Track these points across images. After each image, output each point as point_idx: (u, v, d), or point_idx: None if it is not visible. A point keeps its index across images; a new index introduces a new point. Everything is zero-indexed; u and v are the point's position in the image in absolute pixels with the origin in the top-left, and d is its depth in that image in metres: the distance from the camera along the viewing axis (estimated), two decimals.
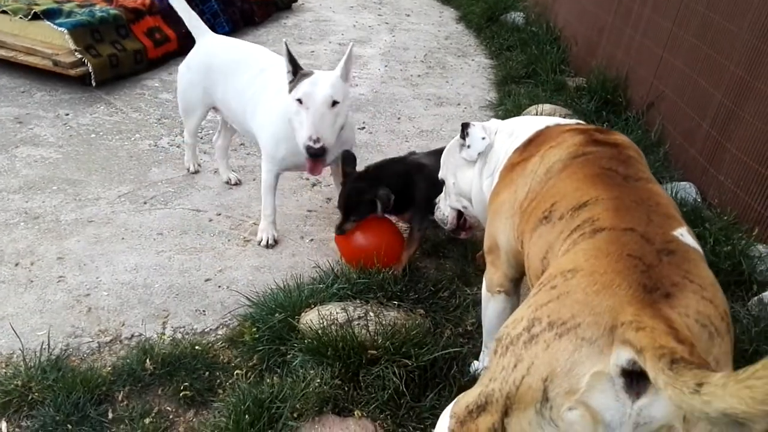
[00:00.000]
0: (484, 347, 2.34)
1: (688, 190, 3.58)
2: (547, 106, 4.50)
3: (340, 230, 2.91)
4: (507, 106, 4.78)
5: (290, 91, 2.69)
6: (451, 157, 2.43)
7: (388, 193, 2.85)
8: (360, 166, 3.05)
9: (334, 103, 2.63)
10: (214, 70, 3.26)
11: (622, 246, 1.33)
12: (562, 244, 1.52)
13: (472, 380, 2.28)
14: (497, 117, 4.72)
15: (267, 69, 3.09)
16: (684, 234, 1.44)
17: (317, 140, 2.57)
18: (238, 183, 3.71)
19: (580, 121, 2.20)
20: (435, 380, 2.29)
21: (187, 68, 3.41)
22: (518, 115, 4.53)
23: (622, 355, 1.10)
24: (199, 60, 3.37)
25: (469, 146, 2.25)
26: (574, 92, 4.95)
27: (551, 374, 1.17)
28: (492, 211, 2.07)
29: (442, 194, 2.62)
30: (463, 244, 3.17)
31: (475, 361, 2.38)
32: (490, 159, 2.21)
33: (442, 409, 2.17)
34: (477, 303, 2.76)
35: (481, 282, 2.96)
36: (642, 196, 1.56)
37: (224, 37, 3.56)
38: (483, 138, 2.22)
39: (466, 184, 2.36)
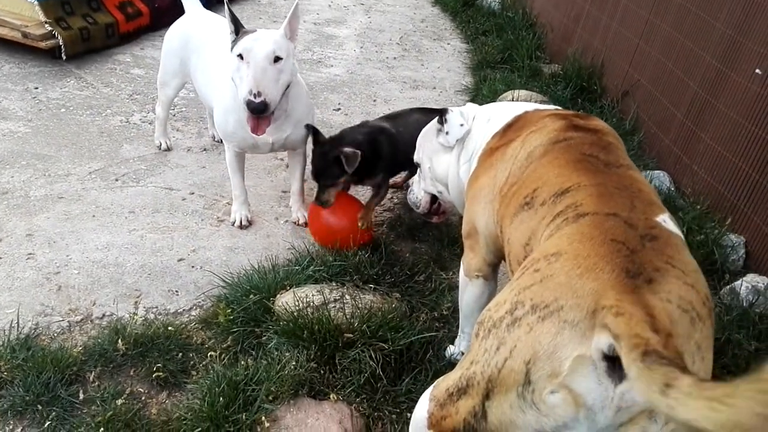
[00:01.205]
0: (461, 332, 2.35)
1: (661, 178, 3.62)
2: (523, 92, 4.51)
3: (319, 201, 2.88)
4: (483, 92, 4.76)
5: (232, 49, 2.61)
6: (428, 141, 2.41)
7: (355, 151, 2.81)
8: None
9: (277, 59, 2.53)
10: (191, 43, 3.21)
11: (605, 231, 1.34)
12: (544, 230, 1.53)
13: (448, 365, 2.30)
14: (473, 102, 4.73)
15: None
16: (666, 220, 1.45)
17: (258, 94, 2.46)
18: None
19: (558, 107, 2.21)
20: (411, 364, 2.29)
21: (168, 37, 3.38)
22: (494, 101, 4.55)
23: (602, 340, 1.11)
24: (179, 31, 3.33)
25: (447, 132, 2.24)
26: (549, 79, 4.96)
27: (534, 357, 1.17)
28: (471, 196, 2.07)
29: (416, 177, 2.60)
30: (438, 228, 3.17)
31: (451, 346, 2.39)
32: (468, 145, 2.20)
33: (419, 394, 2.18)
34: (453, 287, 2.78)
35: (456, 266, 2.99)
36: (624, 183, 1.57)
37: (209, 12, 3.47)
38: (461, 125, 2.21)
39: (442, 169, 2.35)
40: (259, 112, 2.49)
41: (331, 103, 4.62)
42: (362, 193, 3.32)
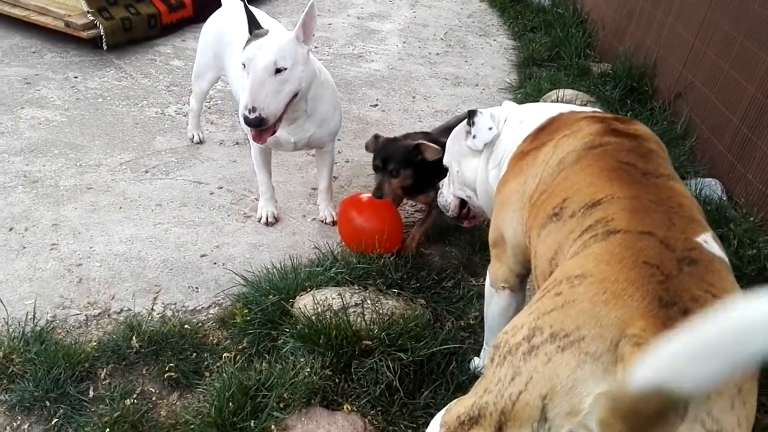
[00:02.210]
0: (486, 344, 2.24)
1: (713, 187, 3.42)
2: (568, 92, 4.32)
3: (378, 192, 2.72)
4: (527, 90, 4.59)
5: (242, 53, 2.51)
6: (456, 144, 2.29)
7: (435, 146, 2.64)
8: None
9: (279, 70, 2.38)
10: (225, 36, 3.15)
11: (638, 251, 1.21)
12: (571, 245, 1.40)
13: (472, 378, 2.19)
14: (516, 100, 4.56)
15: None
16: (708, 240, 1.30)
17: (253, 110, 2.35)
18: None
19: (597, 109, 2.05)
20: (431, 376, 2.19)
21: (204, 30, 3.34)
22: (538, 99, 4.38)
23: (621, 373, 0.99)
24: (215, 24, 3.28)
25: (474, 136, 2.11)
26: (598, 78, 4.76)
27: (551, 392, 1.07)
28: (499, 202, 1.95)
29: (446, 180, 2.49)
30: (470, 232, 3.04)
31: (476, 358, 2.28)
32: (497, 148, 2.08)
33: (438, 408, 2.09)
34: (481, 295, 2.63)
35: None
36: (662, 196, 1.42)
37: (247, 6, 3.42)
38: (490, 128, 2.08)
39: (470, 173, 2.23)
40: (255, 127, 2.40)
41: (369, 99, 4.52)
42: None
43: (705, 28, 4.04)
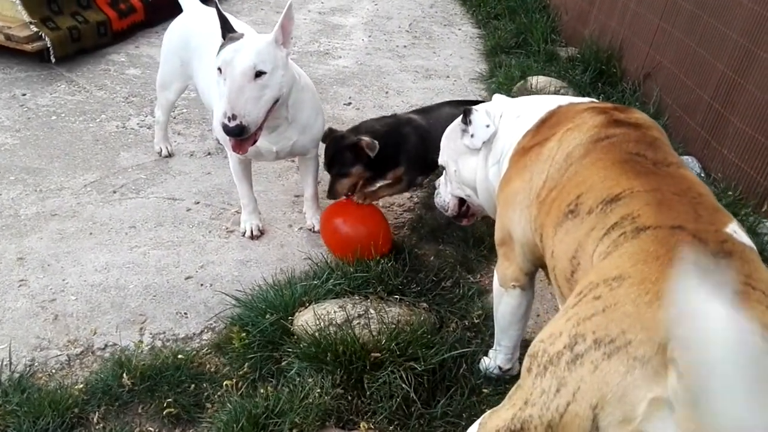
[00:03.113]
0: (497, 345, 2.17)
1: (690, 164, 3.45)
2: (542, 78, 4.29)
3: (330, 193, 2.72)
4: (499, 78, 4.55)
5: (216, 57, 2.35)
6: (452, 143, 2.23)
7: (372, 140, 2.60)
8: None
9: (259, 74, 2.25)
10: (192, 42, 2.97)
11: (672, 248, 1.19)
12: (597, 244, 1.37)
13: (484, 380, 2.15)
14: (489, 90, 4.51)
15: None
16: (737, 230, 1.29)
17: (233, 117, 2.20)
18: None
19: (594, 99, 2.00)
20: (444, 382, 2.11)
21: (168, 36, 3.15)
22: (511, 88, 4.35)
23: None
24: (180, 29, 3.09)
25: (472, 135, 2.06)
26: (567, 63, 4.76)
27: (601, 401, 1.05)
28: (503, 201, 1.90)
29: (442, 179, 2.41)
30: (462, 227, 2.96)
31: (485, 358, 2.22)
32: (496, 145, 2.03)
33: (455, 416, 2.03)
34: (482, 292, 2.60)
35: (484, 268, 2.81)
36: (681, 187, 1.41)
37: (210, 8, 3.24)
38: (487, 126, 2.03)
39: (469, 172, 2.18)
40: (235, 136, 2.24)
41: (342, 97, 4.39)
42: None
43: (669, 8, 4.08)
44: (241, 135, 2.25)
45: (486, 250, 2.84)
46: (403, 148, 2.75)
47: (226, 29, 2.38)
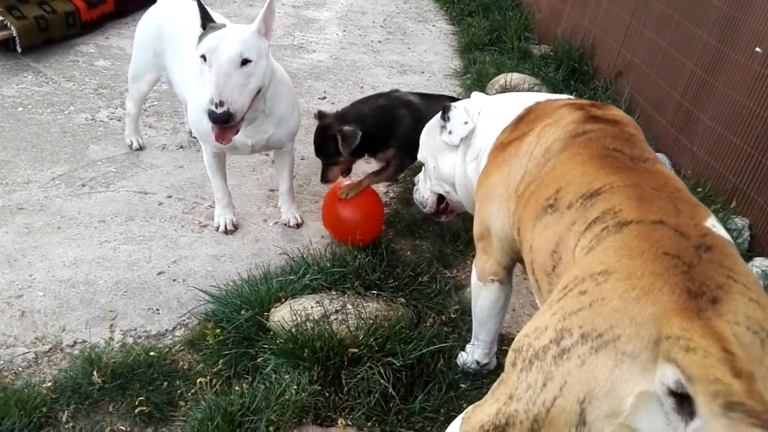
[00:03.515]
0: (475, 339, 2.18)
1: (661, 160, 3.48)
2: (515, 76, 4.30)
3: (322, 179, 2.75)
4: (473, 75, 4.56)
5: (197, 47, 2.32)
6: (431, 138, 2.24)
7: (354, 130, 2.59)
8: None
9: (245, 62, 2.24)
10: (166, 33, 2.91)
11: (656, 243, 1.19)
12: (578, 239, 1.37)
13: (462, 375, 2.15)
14: (463, 86, 4.52)
15: None
16: (716, 225, 1.31)
17: (220, 104, 2.17)
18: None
19: (570, 96, 2.03)
20: (422, 378, 2.10)
21: (141, 27, 3.07)
22: (485, 85, 4.36)
23: (669, 374, 0.98)
24: (154, 20, 3.02)
25: (450, 131, 2.07)
26: (540, 61, 4.78)
27: (589, 395, 1.04)
28: (482, 196, 1.90)
29: (421, 175, 2.41)
30: (438, 223, 2.96)
31: (462, 353, 2.22)
32: (474, 141, 2.05)
33: (433, 411, 2.02)
34: (459, 287, 2.61)
35: (460, 263, 2.81)
36: (659, 182, 1.42)
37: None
38: (465, 122, 2.05)
39: (448, 168, 2.19)
40: (222, 123, 2.21)
41: (316, 92, 4.35)
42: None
43: (640, 7, 4.13)
44: (228, 122, 2.21)
45: (462, 245, 2.85)
46: (395, 130, 2.73)
47: (207, 19, 2.34)
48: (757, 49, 2.92)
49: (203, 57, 2.22)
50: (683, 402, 0.97)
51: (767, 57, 2.85)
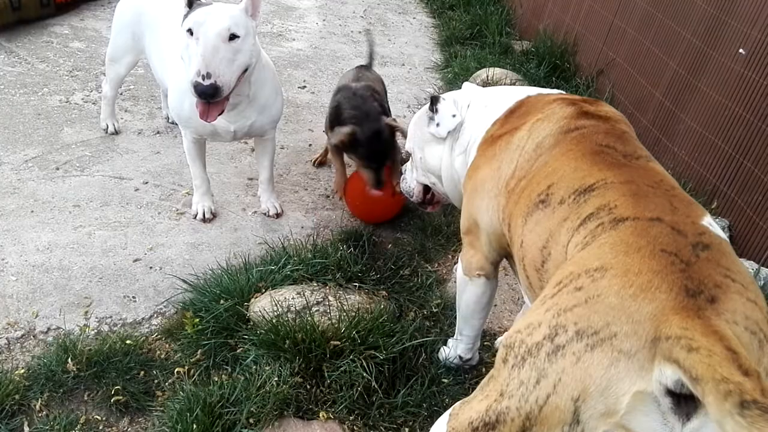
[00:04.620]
0: (458, 334, 2.15)
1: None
2: (498, 70, 4.30)
3: (380, 184, 2.76)
4: (455, 69, 4.55)
5: (182, 23, 2.28)
6: (419, 130, 2.21)
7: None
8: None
9: (233, 36, 2.20)
10: (146, 16, 2.83)
11: (652, 240, 1.17)
12: (572, 234, 1.35)
13: (444, 369, 2.14)
14: (445, 80, 4.51)
15: None
16: (712, 223, 1.29)
17: (207, 76, 2.11)
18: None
19: (561, 91, 2.01)
20: (404, 371, 2.09)
21: (120, 9, 2.99)
22: (467, 79, 4.35)
23: (668, 374, 0.96)
24: (132, 2, 2.94)
25: (438, 124, 2.04)
26: (521, 56, 4.79)
27: (583, 393, 1.03)
28: (470, 189, 1.87)
29: (409, 165, 2.38)
30: (420, 216, 2.96)
31: (444, 348, 2.21)
32: (463, 134, 2.02)
33: (416, 406, 2.01)
34: (440, 281, 2.60)
35: (441, 257, 2.80)
36: (654, 179, 1.40)
37: None
38: (453, 115, 2.02)
39: (434, 160, 2.15)
40: (209, 96, 2.15)
41: (296, 81, 4.29)
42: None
43: (623, 6, 4.14)
44: (214, 96, 2.16)
45: (443, 239, 2.84)
46: None
47: None
48: (741, 50, 2.94)
49: (190, 31, 2.18)
50: (680, 402, 0.96)
51: (750, 58, 2.88)
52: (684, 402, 0.95)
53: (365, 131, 2.68)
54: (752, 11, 2.90)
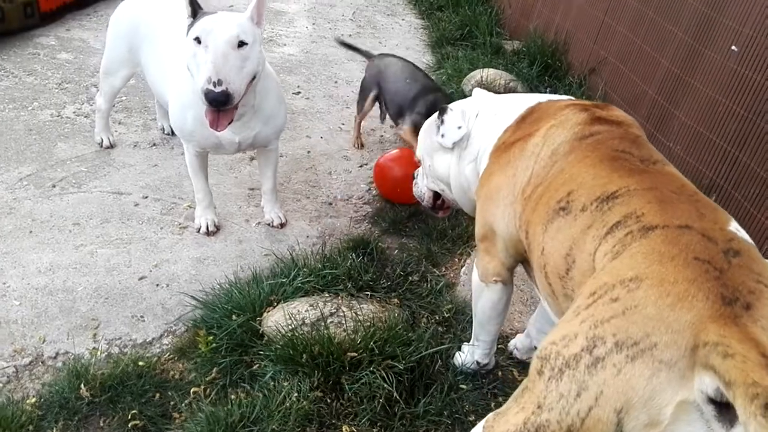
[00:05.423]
0: (475, 340, 2.14)
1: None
2: (491, 71, 4.29)
3: None
4: (447, 70, 4.53)
5: (188, 32, 2.24)
6: (428, 138, 2.21)
7: None
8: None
9: (242, 44, 2.18)
10: (142, 27, 2.77)
11: (684, 247, 1.17)
12: (599, 243, 1.34)
13: (462, 376, 2.11)
14: (438, 81, 4.47)
15: None
16: (739, 228, 1.29)
17: (219, 83, 2.08)
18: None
19: (571, 97, 2.01)
20: (423, 380, 2.06)
21: (115, 20, 2.92)
22: (461, 80, 4.34)
23: (707, 382, 0.97)
24: (128, 14, 2.87)
25: (443, 135, 2.04)
26: (512, 56, 4.79)
27: (626, 404, 1.03)
28: (485, 196, 1.86)
29: (420, 170, 2.37)
30: (425, 220, 2.94)
31: (459, 353, 2.19)
32: (472, 142, 2.01)
33: (436, 414, 1.98)
34: (449, 286, 2.58)
35: (448, 261, 2.78)
36: (676, 185, 1.40)
37: None
38: (459, 127, 2.01)
39: (443, 168, 2.15)
40: (220, 104, 2.11)
41: (290, 86, 4.24)
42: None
43: (614, 4, 4.16)
44: (226, 103, 2.12)
45: (449, 242, 2.82)
46: None
47: (196, 6, 2.26)
48: (733, 47, 2.97)
49: (197, 39, 2.14)
50: (723, 410, 0.96)
51: (743, 55, 2.90)
52: (727, 410, 0.95)
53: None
54: (743, 9, 2.92)
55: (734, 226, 1.28)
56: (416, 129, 3.21)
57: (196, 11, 2.25)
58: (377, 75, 3.45)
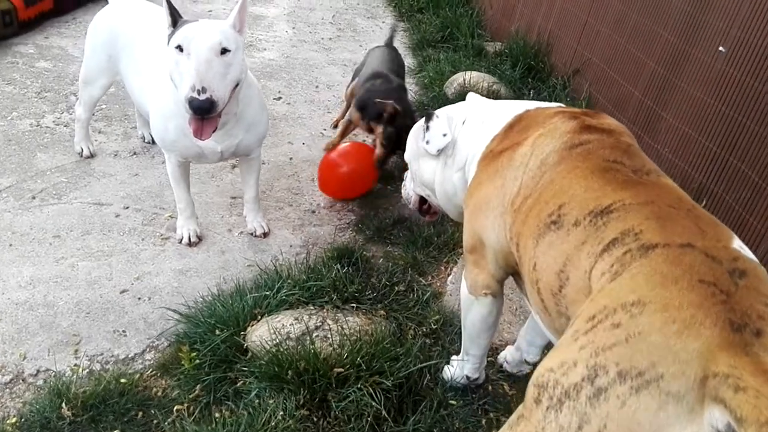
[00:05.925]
0: (464, 354, 2.10)
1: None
2: (474, 74, 4.28)
3: (383, 164, 3.10)
4: (429, 73, 4.51)
5: (168, 41, 2.21)
6: (415, 143, 2.17)
7: None
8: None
9: (224, 50, 2.15)
10: (122, 37, 2.73)
11: (688, 268, 1.12)
12: (595, 260, 1.29)
13: (451, 392, 2.09)
14: (420, 84, 4.47)
15: None
16: (742, 246, 1.24)
17: (203, 90, 2.05)
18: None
19: (561, 104, 1.98)
20: (411, 396, 2.03)
21: (93, 29, 2.88)
22: (443, 83, 4.32)
23: (717, 416, 0.92)
24: (107, 23, 2.82)
25: (428, 141, 2.01)
26: (495, 58, 4.77)
27: None
28: (473, 206, 1.82)
29: (408, 174, 2.35)
30: (409, 228, 2.92)
31: (448, 367, 2.16)
32: (459, 150, 1.98)
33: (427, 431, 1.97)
34: (436, 296, 2.56)
35: (434, 269, 2.76)
36: (672, 198, 1.35)
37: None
38: (444, 134, 1.98)
39: (428, 174, 2.12)
40: (204, 111, 2.08)
41: (271, 92, 4.20)
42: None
43: (597, 5, 4.15)
44: (210, 111, 2.09)
45: (435, 251, 2.80)
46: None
47: (176, 15, 2.23)
48: (721, 48, 2.94)
49: (179, 48, 2.11)
50: None
51: (731, 55, 2.90)
52: None
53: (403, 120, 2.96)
54: (730, 9, 2.91)
55: (737, 244, 1.23)
56: (352, 92, 3.42)
57: (176, 20, 2.22)
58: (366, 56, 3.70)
